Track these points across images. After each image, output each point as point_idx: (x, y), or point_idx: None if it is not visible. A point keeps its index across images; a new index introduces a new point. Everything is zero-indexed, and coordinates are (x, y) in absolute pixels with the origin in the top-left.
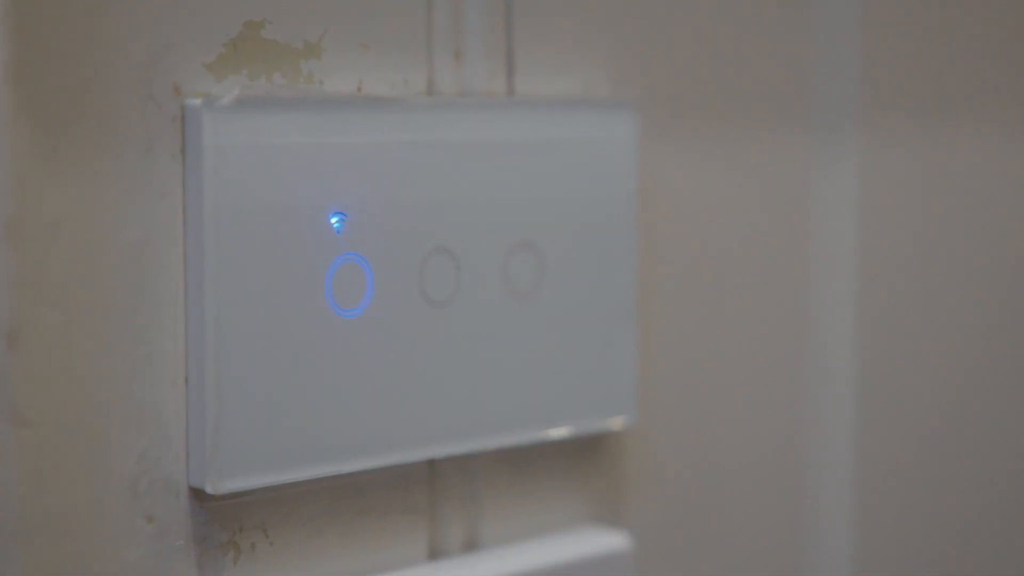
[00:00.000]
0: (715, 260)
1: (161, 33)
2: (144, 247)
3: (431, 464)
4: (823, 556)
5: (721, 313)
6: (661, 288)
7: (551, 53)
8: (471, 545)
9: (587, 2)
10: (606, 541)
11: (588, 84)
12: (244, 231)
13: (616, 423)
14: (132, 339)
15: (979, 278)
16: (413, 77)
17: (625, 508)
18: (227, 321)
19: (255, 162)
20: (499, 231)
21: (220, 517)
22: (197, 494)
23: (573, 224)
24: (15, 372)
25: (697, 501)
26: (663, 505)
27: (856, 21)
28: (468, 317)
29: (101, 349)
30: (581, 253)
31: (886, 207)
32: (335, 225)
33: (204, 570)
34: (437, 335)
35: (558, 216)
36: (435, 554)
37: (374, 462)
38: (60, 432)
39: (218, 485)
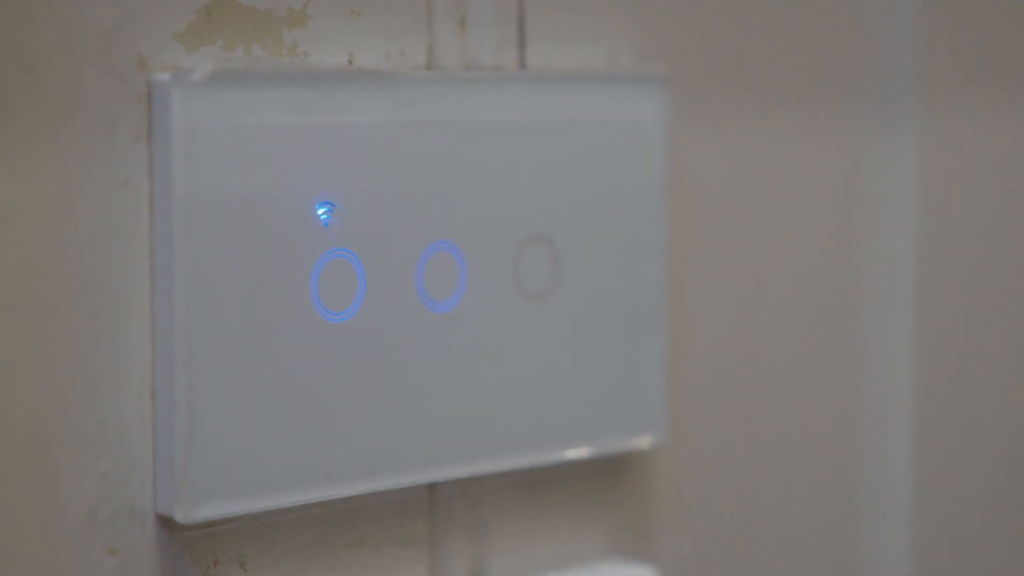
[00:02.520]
0: (755, 256)
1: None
2: (104, 242)
3: (432, 488)
4: None
5: (762, 317)
6: (693, 289)
7: (568, 20)
8: None
9: None
10: None
11: (610, 56)
12: (218, 224)
13: (642, 442)
14: (91, 347)
15: None
16: (411, 48)
17: (651, 539)
18: (199, 327)
19: (231, 145)
20: (509, 224)
21: (192, 549)
22: (166, 523)
23: (593, 216)
24: None
25: (733, 532)
26: (694, 536)
27: None
28: (473, 322)
29: (55, 358)
30: (602, 249)
31: (949, 191)
32: (322, 217)
33: None
34: (438, 342)
35: (576, 207)
36: None
37: (367, 486)
38: (7, 452)
39: (189, 513)
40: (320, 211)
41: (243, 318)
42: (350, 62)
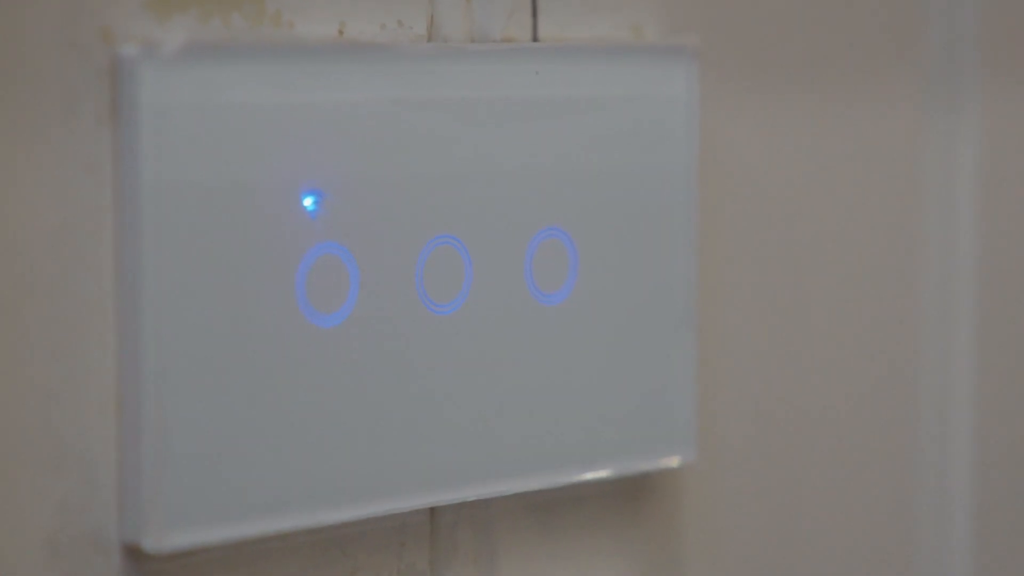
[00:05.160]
0: (797, 252)
1: None
2: (63, 237)
3: (433, 513)
4: None
5: (806, 319)
6: (727, 289)
7: None
8: None
9: None
10: None
11: (634, 26)
12: (192, 216)
13: (669, 462)
14: (47, 355)
15: None
16: (410, 17)
17: (678, 569)
18: (170, 332)
19: (206, 127)
20: (520, 216)
21: None
22: (133, 553)
23: (615, 206)
24: None
25: (769, 562)
26: (726, 566)
27: None
28: (480, 326)
29: (6, 367)
30: (625, 244)
31: (1015, 176)
32: (309, 208)
33: None
34: (439, 348)
35: (596, 196)
36: None
37: (361, 512)
38: None
39: (158, 542)
40: (307, 201)
41: (220, 322)
42: (340, 33)
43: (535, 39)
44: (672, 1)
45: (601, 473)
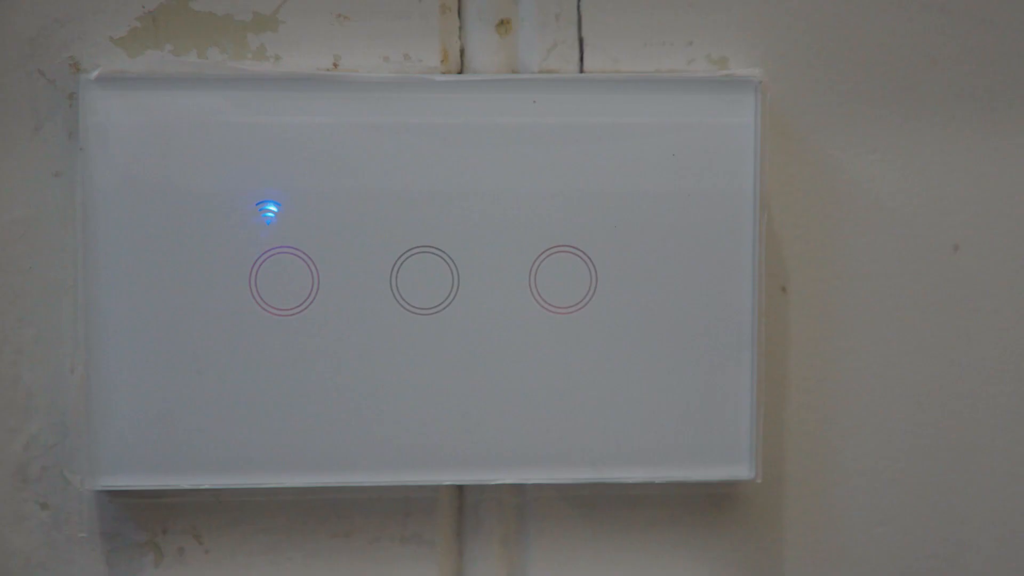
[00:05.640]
0: (872, 273)
1: (55, 6)
2: (34, 226)
3: (462, 491)
4: None
5: (864, 339)
6: (790, 309)
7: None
8: None
9: None
10: None
11: (691, 58)
12: (145, 211)
13: (725, 477)
14: (17, 321)
15: None
16: (418, 50)
17: None
18: (123, 306)
19: (150, 140)
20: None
21: (136, 515)
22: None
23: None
24: None
25: None
26: None
27: None
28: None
29: None
30: (684, 262)
31: None
32: (266, 214)
33: (115, 567)
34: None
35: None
36: None
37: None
38: None
39: (89, 481)
40: (262, 207)
41: (174, 304)
42: (335, 66)
43: (581, 71)
44: (734, 30)
45: (641, 477)
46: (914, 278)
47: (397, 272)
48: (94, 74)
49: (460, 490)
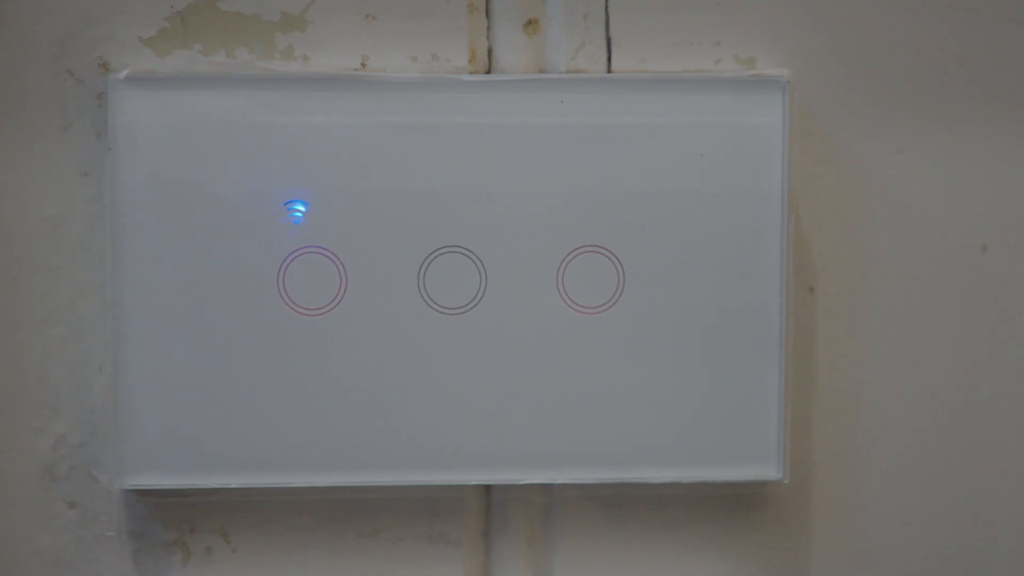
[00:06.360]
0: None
1: (84, 6)
2: (62, 226)
3: (488, 491)
4: None
5: (891, 340)
6: (818, 310)
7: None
8: None
9: None
10: None
11: (719, 57)
12: (172, 210)
13: (752, 477)
14: (44, 321)
15: None
16: (446, 50)
17: None
18: (150, 306)
19: (178, 139)
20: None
21: (163, 514)
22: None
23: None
24: None
25: None
26: None
27: None
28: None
29: (9, 332)
30: (714, 267)
31: None
32: (294, 214)
33: (142, 566)
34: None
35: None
36: None
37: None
38: None
39: (116, 480)
40: (289, 207)
41: (199, 302)
42: (363, 65)
43: (609, 71)
44: (760, 28)
45: (668, 477)
46: (942, 278)
47: (425, 272)
48: (123, 74)
49: (487, 490)
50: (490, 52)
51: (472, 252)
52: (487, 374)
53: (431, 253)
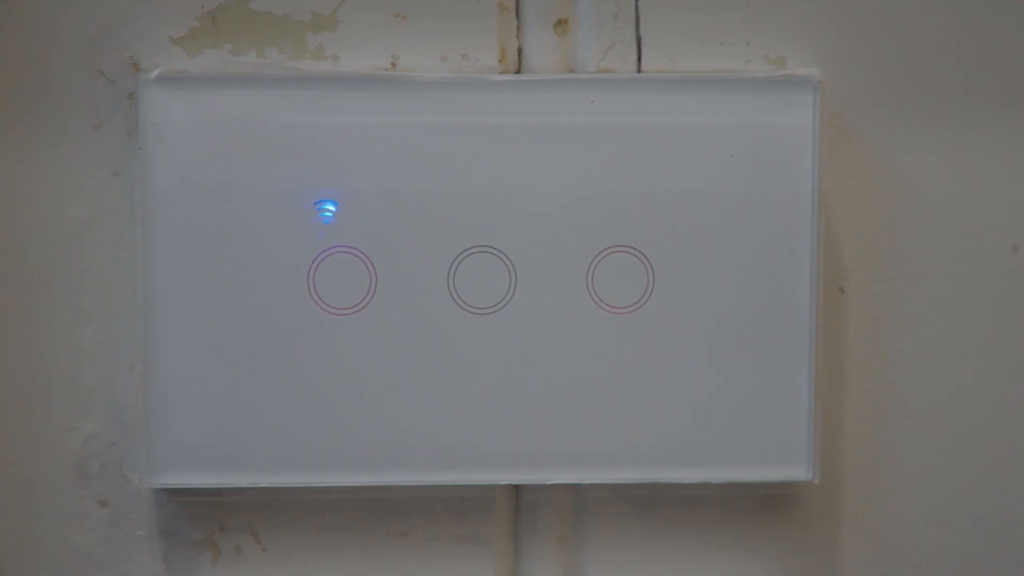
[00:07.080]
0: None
1: (115, 6)
2: (94, 225)
3: (518, 491)
4: None
5: (922, 340)
6: (848, 310)
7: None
8: None
9: None
10: None
11: (749, 57)
12: (202, 210)
13: (782, 478)
14: (76, 321)
15: None
16: (476, 50)
17: None
18: (182, 305)
19: (208, 139)
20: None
21: (193, 513)
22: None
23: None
24: None
25: None
26: None
27: None
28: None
29: (41, 331)
30: (744, 267)
31: None
32: (324, 213)
33: (172, 565)
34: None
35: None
36: None
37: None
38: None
39: (148, 479)
40: (320, 207)
41: (230, 302)
42: (393, 65)
43: (639, 71)
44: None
45: (698, 477)
46: (972, 279)
47: (454, 272)
48: (154, 74)
49: (517, 490)
50: (520, 52)
51: (502, 252)
52: (517, 374)
53: (461, 253)
